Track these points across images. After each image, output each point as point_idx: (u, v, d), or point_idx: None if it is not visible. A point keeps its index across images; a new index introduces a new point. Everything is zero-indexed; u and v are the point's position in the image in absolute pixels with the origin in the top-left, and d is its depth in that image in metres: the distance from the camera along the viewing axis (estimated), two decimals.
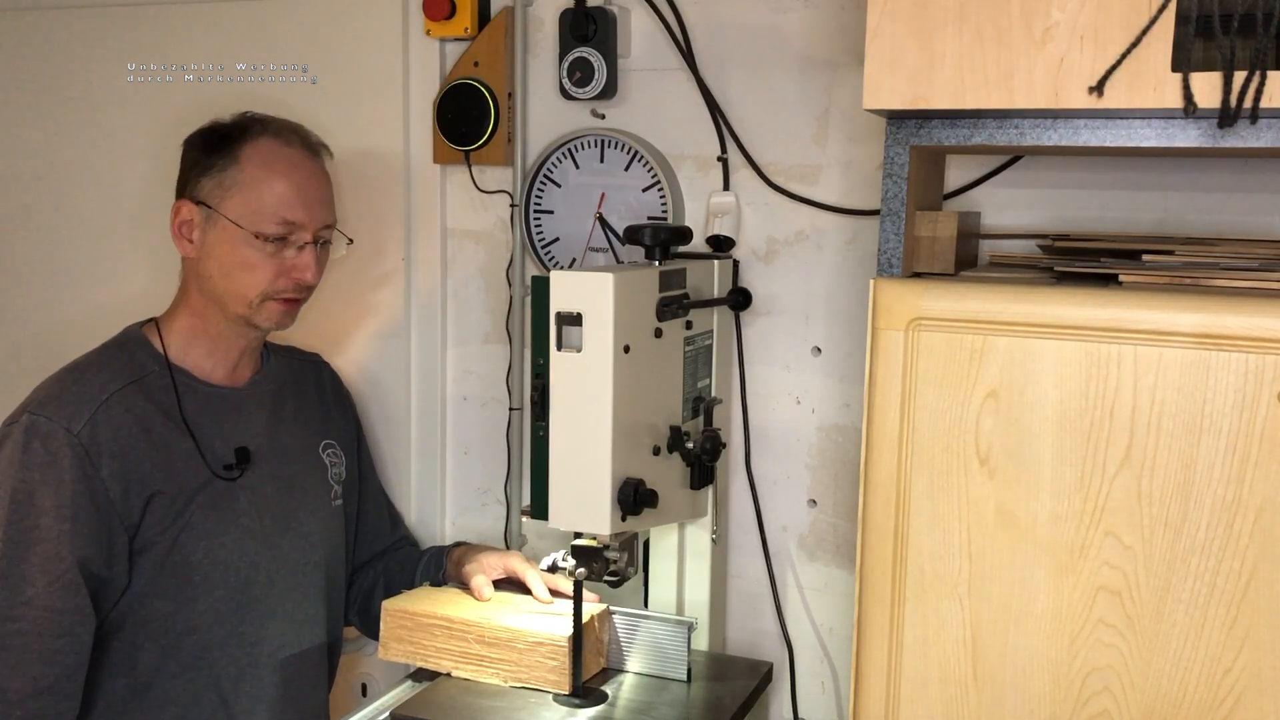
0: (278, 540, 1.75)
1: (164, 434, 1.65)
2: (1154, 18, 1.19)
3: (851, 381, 1.85)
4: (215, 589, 1.67)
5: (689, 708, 1.61)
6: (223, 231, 1.68)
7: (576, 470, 1.50)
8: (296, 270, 1.70)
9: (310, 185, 1.72)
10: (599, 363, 1.47)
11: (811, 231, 1.85)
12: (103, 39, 2.25)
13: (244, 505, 1.71)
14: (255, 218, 1.67)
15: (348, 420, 1.99)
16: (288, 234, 1.69)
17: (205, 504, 1.67)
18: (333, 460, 1.89)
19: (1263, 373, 1.20)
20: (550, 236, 2.00)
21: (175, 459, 1.65)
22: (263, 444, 1.77)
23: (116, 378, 1.65)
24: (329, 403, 1.96)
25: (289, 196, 1.68)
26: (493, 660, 1.63)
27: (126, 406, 1.63)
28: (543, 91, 1.99)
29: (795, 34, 1.82)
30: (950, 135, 1.36)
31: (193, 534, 1.65)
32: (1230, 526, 1.23)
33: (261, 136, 1.71)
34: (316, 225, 1.72)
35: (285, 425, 1.83)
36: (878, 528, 1.38)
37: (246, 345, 1.78)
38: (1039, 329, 1.28)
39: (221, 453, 1.71)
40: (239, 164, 1.68)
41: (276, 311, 1.71)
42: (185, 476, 1.66)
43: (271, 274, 1.68)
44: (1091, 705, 1.31)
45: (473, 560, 1.83)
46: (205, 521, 1.66)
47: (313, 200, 1.71)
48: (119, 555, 1.61)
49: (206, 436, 1.70)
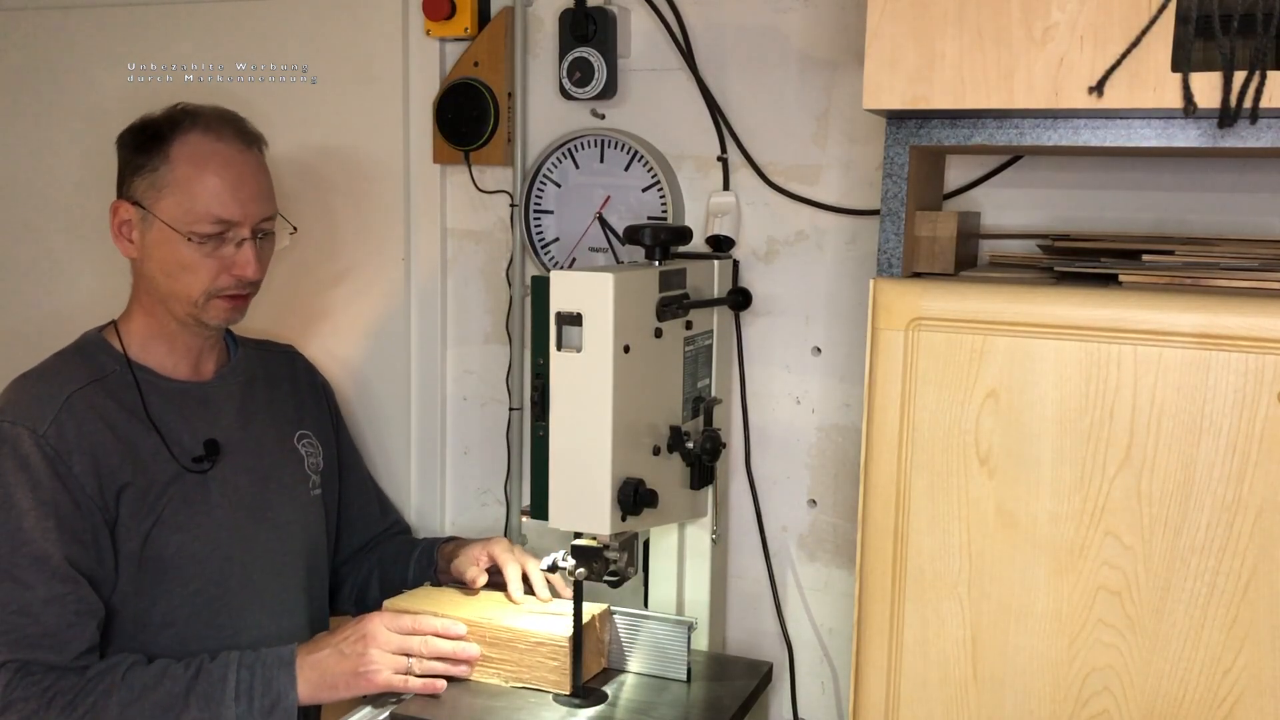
0: (253, 531, 1.74)
1: (129, 430, 1.64)
2: (1154, 18, 1.19)
3: (851, 381, 1.85)
4: (190, 582, 1.67)
5: (689, 708, 1.61)
6: (159, 233, 1.65)
7: (576, 470, 1.50)
8: (237, 267, 1.67)
9: (244, 179, 1.68)
10: (599, 363, 1.47)
11: (811, 231, 1.85)
12: (103, 39, 2.25)
13: (216, 498, 1.70)
14: (188, 218, 1.64)
15: (323, 410, 1.97)
16: (223, 231, 1.65)
17: (176, 498, 1.66)
18: (309, 450, 1.88)
19: (1263, 373, 1.20)
20: (550, 236, 2.00)
21: (143, 454, 1.64)
22: (233, 436, 1.75)
23: (75, 379, 1.64)
24: (303, 392, 1.94)
25: (222, 194, 1.64)
26: (493, 660, 1.64)
27: (89, 404, 1.62)
28: (543, 91, 1.99)
29: (795, 34, 1.82)
30: (950, 135, 1.36)
31: (164, 528, 1.64)
32: (1230, 526, 1.23)
33: (191, 131, 1.66)
34: (253, 220, 1.68)
35: (258, 417, 1.81)
36: (878, 528, 1.38)
37: (204, 341, 1.76)
38: (1039, 329, 1.28)
39: (190, 446, 1.69)
40: (169, 162, 1.65)
41: (223, 309, 1.69)
42: (154, 471, 1.65)
43: (212, 273, 1.66)
44: (1091, 705, 1.31)
45: (461, 554, 1.83)
46: (177, 515, 1.65)
47: (247, 196, 1.67)
48: (105, 551, 1.60)
49: (173, 431, 1.68)
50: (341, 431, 2.01)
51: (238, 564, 1.72)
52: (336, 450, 1.97)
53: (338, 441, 1.98)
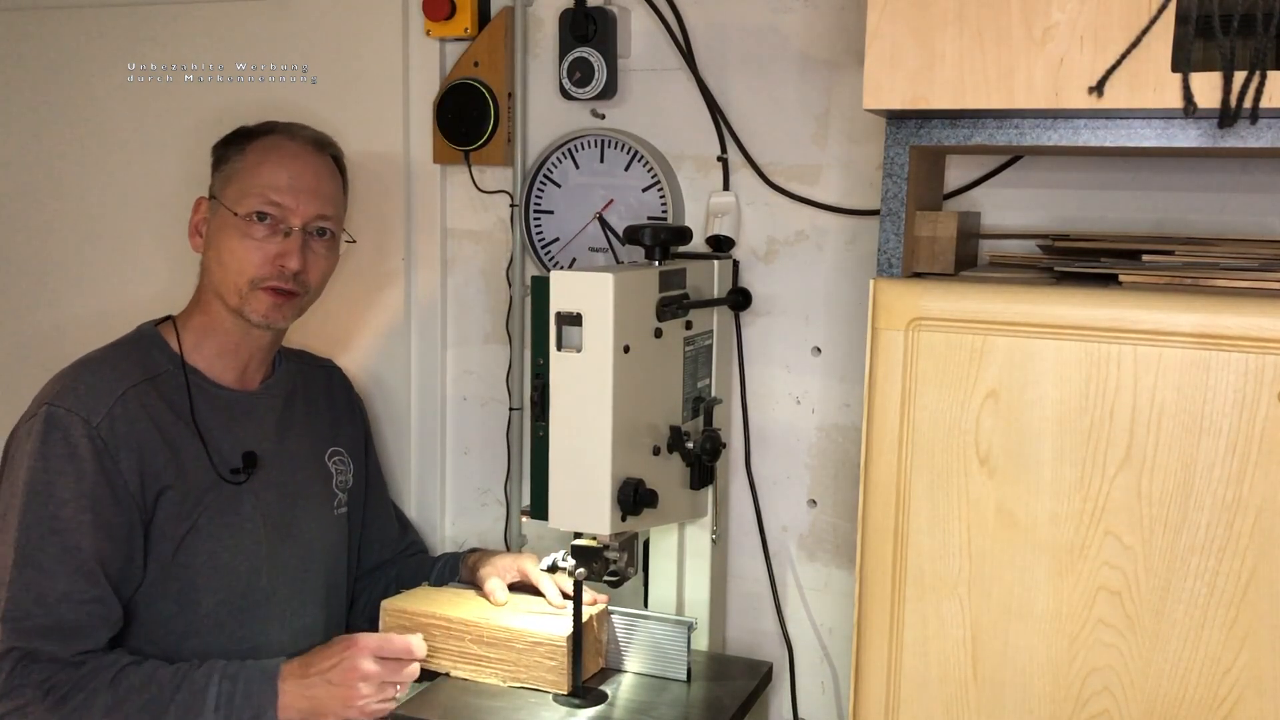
0: (279, 547, 1.75)
1: (175, 433, 1.66)
2: (1154, 18, 1.19)
3: (851, 381, 1.85)
4: (217, 592, 1.67)
5: (689, 708, 1.61)
6: (221, 220, 1.70)
7: (576, 470, 1.50)
8: (281, 256, 1.68)
9: (304, 173, 1.72)
10: (599, 363, 1.47)
11: (811, 231, 1.85)
12: (103, 39, 2.25)
13: (247, 510, 1.71)
14: (243, 198, 1.68)
15: (357, 428, 1.99)
16: (274, 214, 1.68)
17: (211, 507, 1.67)
18: (339, 468, 1.89)
19: (1263, 373, 1.20)
20: (550, 236, 2.00)
21: (185, 459, 1.66)
22: (269, 449, 1.76)
23: (131, 374, 1.65)
24: (339, 409, 1.95)
25: (278, 180, 1.69)
26: (491, 660, 1.64)
27: (142, 402, 1.63)
28: (543, 91, 1.99)
29: (795, 34, 1.82)
30: (950, 135, 1.36)
31: (198, 536, 1.65)
32: (1230, 526, 1.23)
33: (272, 134, 1.74)
34: (305, 213, 1.70)
35: (293, 431, 1.83)
36: (878, 528, 1.38)
37: (255, 347, 1.77)
38: (1039, 329, 1.28)
39: (229, 456, 1.71)
40: (244, 155, 1.72)
41: (265, 303, 1.69)
42: (194, 478, 1.66)
43: (259, 260, 1.68)
44: (1091, 705, 1.31)
45: (487, 564, 1.83)
46: (210, 525, 1.66)
47: (303, 188, 1.71)
48: (136, 549, 1.61)
49: (215, 439, 1.70)
50: (370, 451, 2.02)
51: (264, 578, 1.72)
52: (365, 469, 1.97)
53: (366, 461, 1.99)
